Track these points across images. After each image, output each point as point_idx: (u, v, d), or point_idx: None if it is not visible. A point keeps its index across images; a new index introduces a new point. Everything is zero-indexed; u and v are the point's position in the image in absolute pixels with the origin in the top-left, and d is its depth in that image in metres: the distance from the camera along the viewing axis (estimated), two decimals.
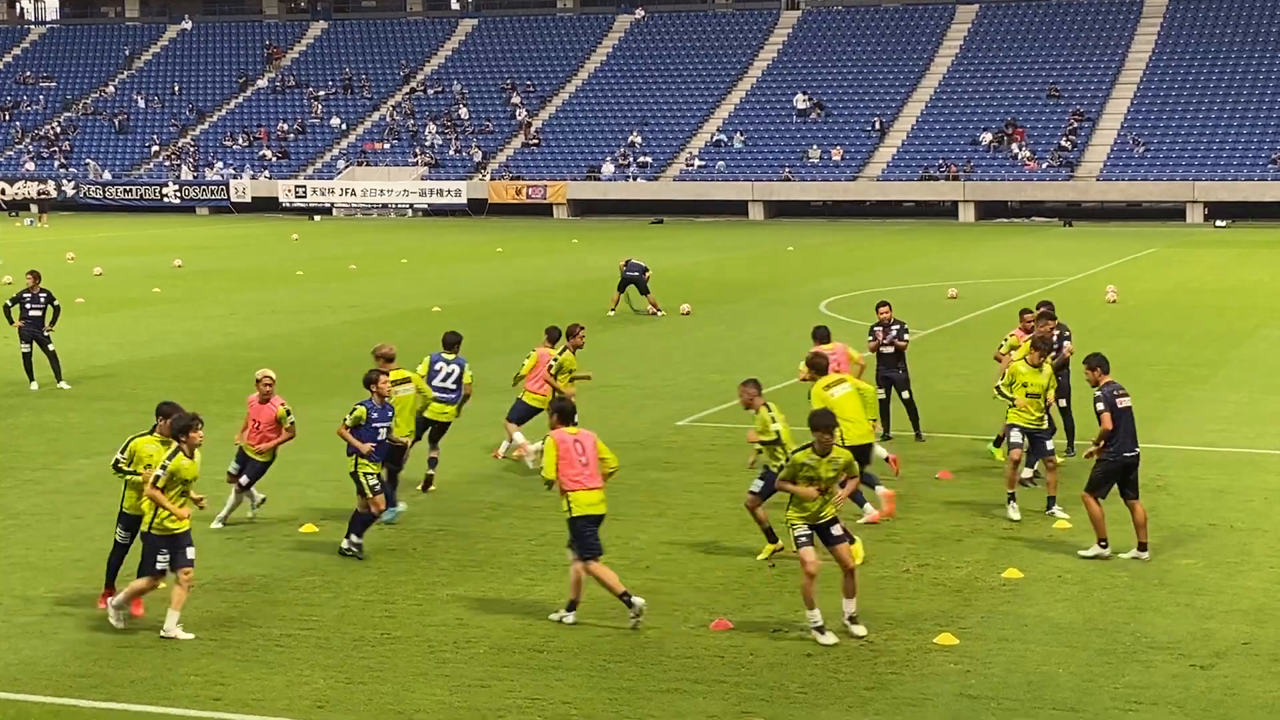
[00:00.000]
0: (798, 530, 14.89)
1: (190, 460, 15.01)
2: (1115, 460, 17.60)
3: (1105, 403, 17.60)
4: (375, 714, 13.04)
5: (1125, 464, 17.68)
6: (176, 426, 15.21)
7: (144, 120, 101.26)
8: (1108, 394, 17.69)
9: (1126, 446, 17.66)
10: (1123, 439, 17.61)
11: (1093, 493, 17.58)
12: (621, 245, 64.81)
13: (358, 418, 18.16)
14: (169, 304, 43.65)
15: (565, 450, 15.22)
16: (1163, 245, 63.48)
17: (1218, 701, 13.24)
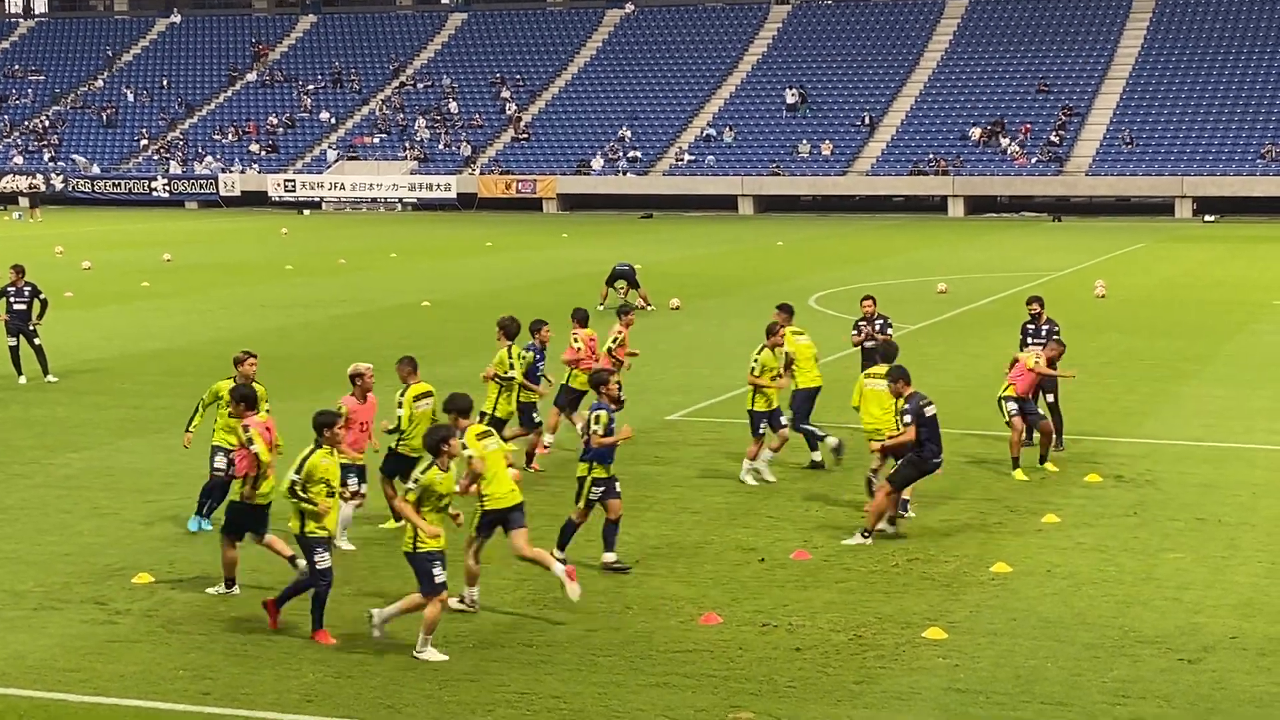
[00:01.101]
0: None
1: (446, 473, 14.42)
2: (926, 465, 17.86)
3: (912, 414, 17.71)
4: (364, 708, 13.04)
5: (930, 469, 18.00)
6: (431, 440, 14.51)
7: (133, 114, 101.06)
8: (914, 405, 17.79)
9: (935, 454, 17.94)
10: (932, 446, 17.87)
11: (895, 487, 17.88)
12: (611, 240, 64.80)
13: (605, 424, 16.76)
14: (158, 298, 43.59)
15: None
16: (1151, 240, 63.57)
17: (1205, 695, 13.27)
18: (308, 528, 14.66)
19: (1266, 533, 18.47)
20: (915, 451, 17.85)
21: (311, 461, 14.73)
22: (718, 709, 12.99)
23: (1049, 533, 18.46)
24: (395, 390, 19.14)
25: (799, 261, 54.58)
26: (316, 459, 14.77)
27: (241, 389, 17.24)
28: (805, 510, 19.59)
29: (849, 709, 13.00)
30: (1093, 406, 26.22)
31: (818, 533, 18.43)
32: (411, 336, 35.52)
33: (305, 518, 14.69)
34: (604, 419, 16.69)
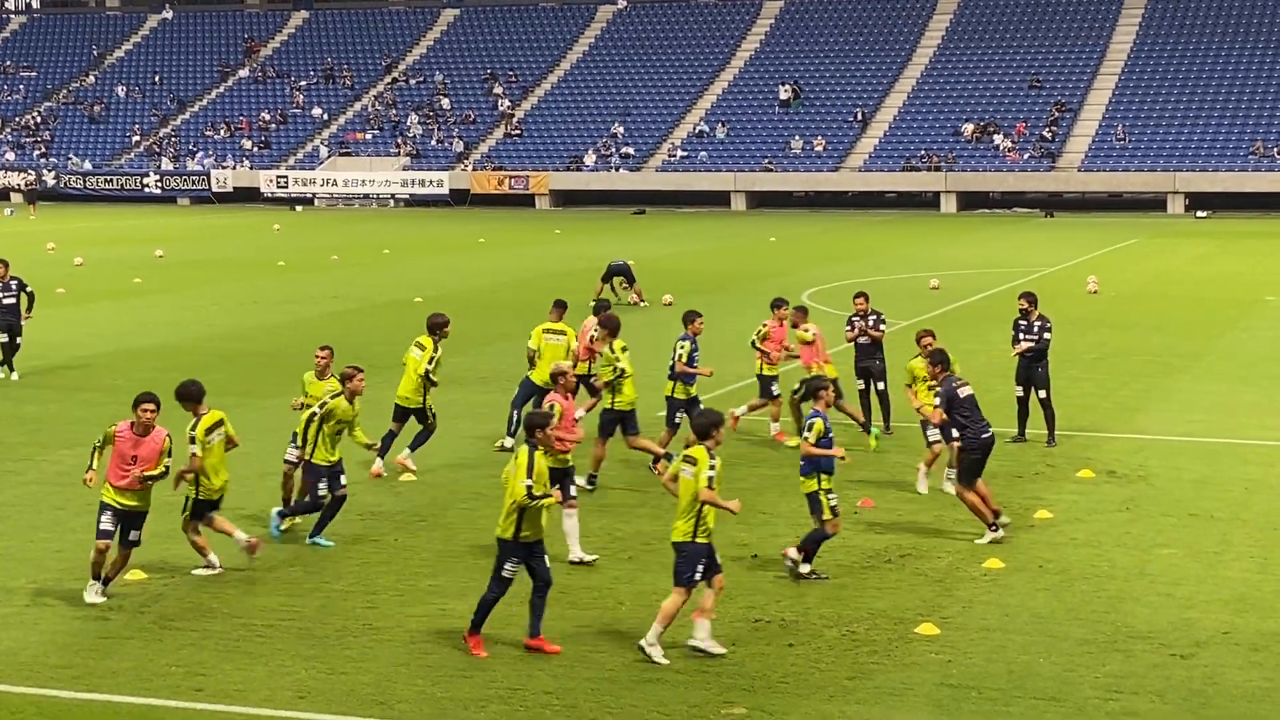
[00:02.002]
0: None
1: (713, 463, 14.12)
2: (977, 444, 17.69)
3: (944, 398, 17.78)
4: (357, 704, 13.03)
5: (986, 445, 17.81)
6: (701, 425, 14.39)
7: (125, 110, 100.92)
8: (948, 388, 17.83)
9: (983, 430, 17.88)
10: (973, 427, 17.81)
11: (967, 484, 17.79)
12: (604, 236, 64.77)
13: (819, 433, 16.52)
14: (150, 295, 43.54)
15: None
16: (1144, 236, 63.62)
17: (1198, 691, 13.28)
18: (523, 533, 14.21)
19: (1259, 528, 18.49)
20: (962, 438, 17.76)
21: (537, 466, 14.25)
22: (711, 705, 13.00)
23: (1041, 528, 18.47)
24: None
25: (792, 257, 54.57)
26: (538, 459, 14.34)
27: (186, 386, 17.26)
28: (798, 506, 19.56)
29: (842, 704, 13.00)
30: (1085, 402, 26.24)
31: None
32: (404, 332, 35.45)
33: (522, 522, 14.16)
34: (819, 427, 16.57)
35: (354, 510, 19.45)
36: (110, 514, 15.73)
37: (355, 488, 20.63)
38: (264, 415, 25.72)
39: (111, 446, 15.84)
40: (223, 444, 16.61)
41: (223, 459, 16.62)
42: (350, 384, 17.90)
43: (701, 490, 13.91)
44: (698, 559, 13.97)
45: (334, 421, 17.73)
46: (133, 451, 15.72)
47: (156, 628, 14.96)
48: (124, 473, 15.71)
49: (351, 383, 17.90)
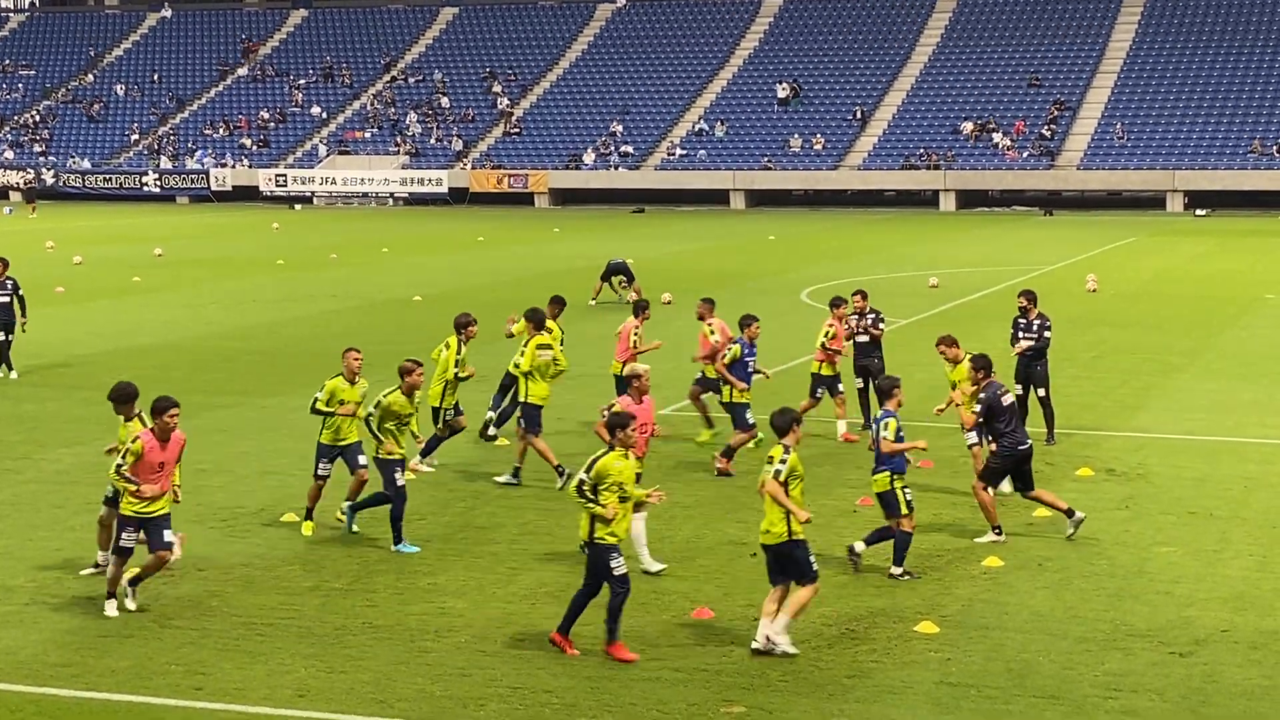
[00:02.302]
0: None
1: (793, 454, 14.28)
2: (1013, 454, 17.73)
3: (985, 403, 17.83)
4: (356, 703, 13.03)
5: (1022, 456, 17.78)
6: (780, 424, 14.51)
7: (123, 109, 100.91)
8: (991, 394, 17.83)
9: (1021, 440, 17.81)
10: (1013, 435, 17.78)
11: (988, 481, 17.79)
12: (603, 235, 64.77)
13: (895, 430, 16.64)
14: (149, 293, 43.54)
15: None
16: (1143, 234, 63.62)
17: (1197, 689, 13.29)
18: (597, 533, 14.02)
19: (1258, 526, 18.50)
20: (998, 444, 17.78)
21: (604, 463, 14.05)
22: (710, 703, 13.00)
23: (1041, 527, 18.47)
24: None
25: (791, 256, 54.57)
26: (609, 461, 14.07)
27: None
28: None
29: (841, 703, 13.01)
30: (1084, 401, 26.24)
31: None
32: (403, 331, 35.50)
33: (595, 522, 14.02)
34: (893, 426, 16.66)
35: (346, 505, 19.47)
36: (131, 530, 15.15)
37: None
38: (263, 414, 25.74)
39: (140, 460, 15.16)
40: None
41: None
42: (409, 378, 17.90)
43: (766, 481, 14.17)
44: (809, 549, 14.13)
45: (394, 418, 17.71)
46: (160, 458, 15.29)
47: (156, 626, 14.96)
48: (156, 482, 15.20)
49: (410, 377, 17.91)
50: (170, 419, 15.46)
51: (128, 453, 15.18)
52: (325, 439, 18.35)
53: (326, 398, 18.28)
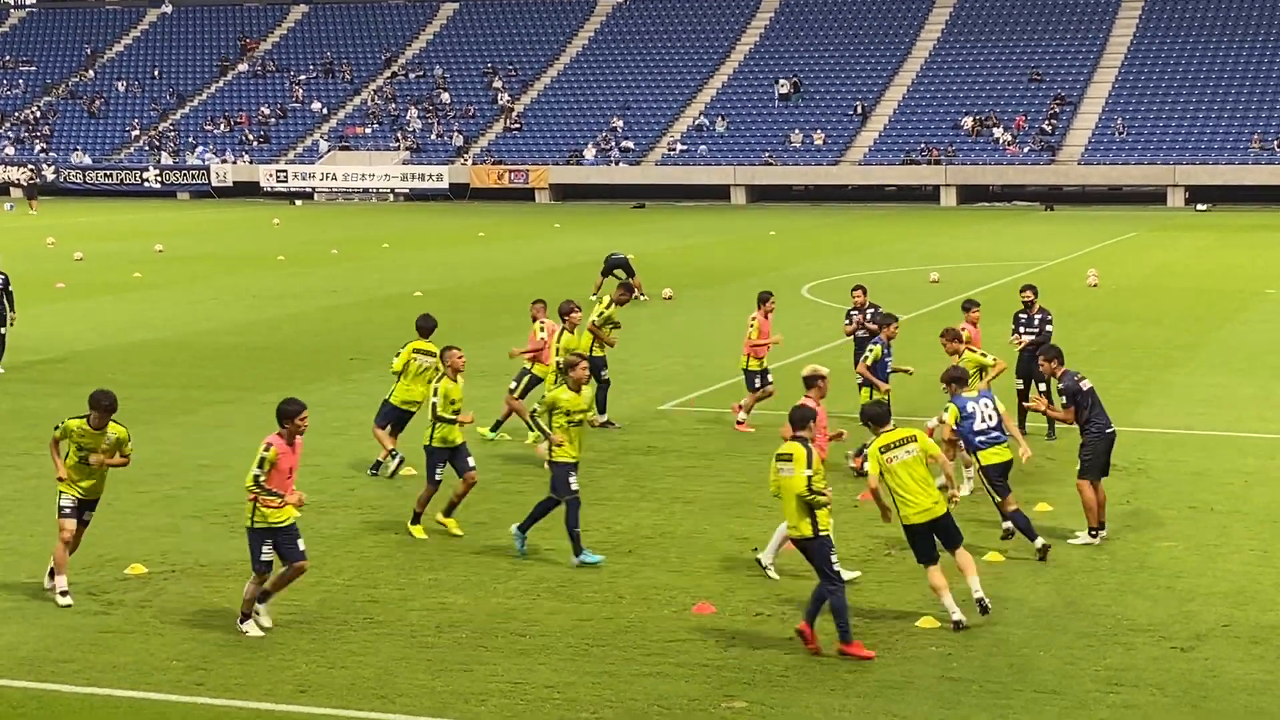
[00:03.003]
0: None
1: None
2: (1101, 436, 17.66)
3: (1069, 393, 17.70)
4: (358, 698, 13.04)
5: (1110, 440, 17.74)
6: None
7: (124, 104, 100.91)
8: (1071, 383, 17.78)
9: (1106, 425, 17.73)
10: (1097, 421, 17.68)
11: (1092, 478, 17.60)
12: (603, 230, 64.76)
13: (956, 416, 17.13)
14: (150, 289, 43.54)
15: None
16: (1144, 229, 63.60)
17: (1198, 683, 13.29)
18: (820, 526, 13.99)
19: (1258, 521, 18.50)
20: (1085, 432, 17.65)
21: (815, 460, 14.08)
22: (711, 698, 13.00)
23: (1041, 521, 18.46)
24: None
25: (791, 251, 54.58)
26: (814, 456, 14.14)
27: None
28: None
29: (842, 698, 13.01)
30: None
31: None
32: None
33: (815, 516, 14.01)
34: (955, 410, 17.03)
35: (354, 505, 19.48)
36: (271, 543, 14.41)
37: (355, 483, 20.67)
38: (263, 410, 25.69)
39: (274, 468, 14.40)
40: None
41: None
42: (574, 373, 16.96)
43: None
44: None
45: (564, 415, 16.64)
46: (290, 464, 14.48)
47: (157, 622, 14.96)
48: (287, 489, 14.42)
49: (575, 371, 16.97)
50: (302, 422, 14.53)
51: (263, 461, 14.28)
52: (436, 442, 17.66)
53: (443, 402, 17.53)
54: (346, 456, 22.10)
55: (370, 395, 26.84)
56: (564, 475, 16.57)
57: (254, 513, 14.37)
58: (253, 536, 14.45)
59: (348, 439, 23.34)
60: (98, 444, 15.53)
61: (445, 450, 17.73)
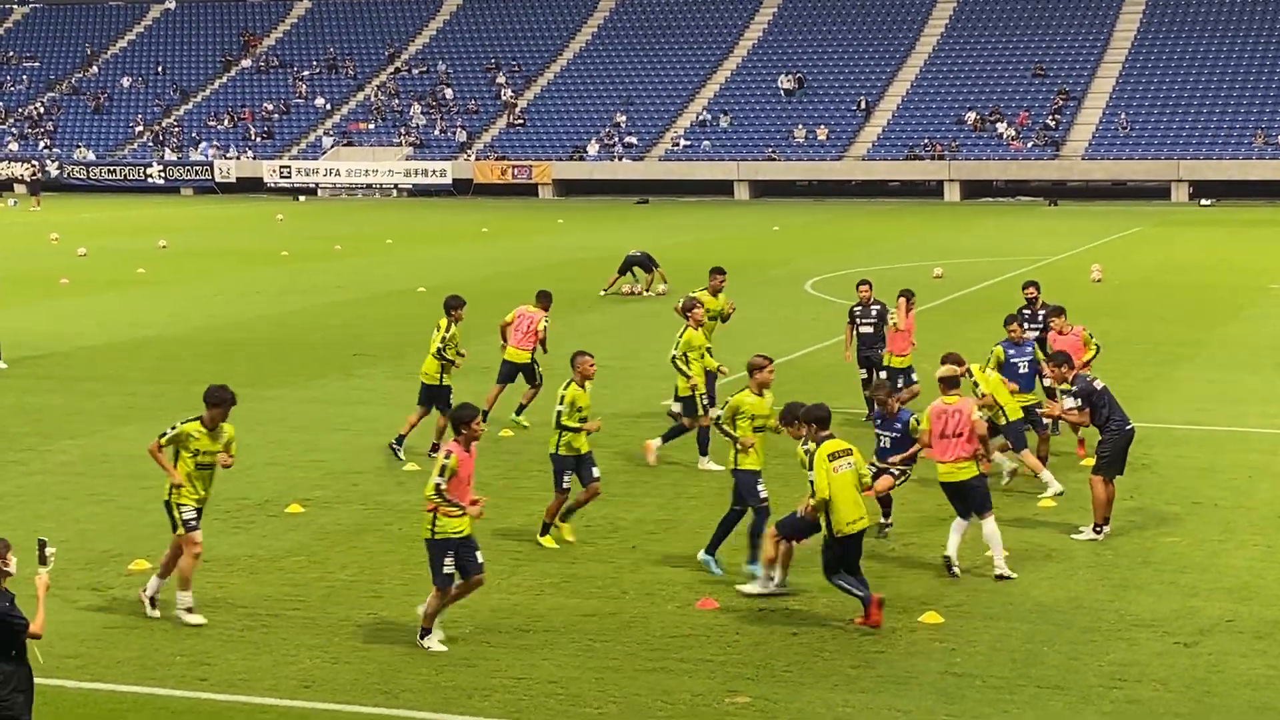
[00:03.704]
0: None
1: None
2: (1121, 433, 17.65)
3: (1082, 395, 17.65)
4: (362, 693, 13.05)
5: (1129, 436, 17.74)
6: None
7: (128, 100, 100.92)
8: (1084, 385, 17.76)
9: (1124, 423, 17.73)
10: (1116, 419, 17.69)
11: (1107, 476, 17.57)
12: (607, 226, 64.76)
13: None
14: (153, 285, 43.55)
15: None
16: (1148, 224, 63.56)
17: (1202, 679, 13.29)
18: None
19: (1262, 516, 18.49)
20: (1104, 431, 17.64)
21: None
22: (715, 693, 13.01)
23: (1045, 517, 18.47)
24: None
25: (795, 246, 54.56)
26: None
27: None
28: (800, 496, 19.56)
29: (846, 693, 13.01)
30: None
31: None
32: (407, 322, 35.51)
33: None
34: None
35: (358, 500, 19.49)
36: (453, 555, 13.97)
37: (359, 478, 20.68)
38: (267, 405, 25.74)
39: (454, 476, 13.96)
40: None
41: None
42: (759, 375, 16.56)
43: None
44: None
45: (748, 419, 16.28)
46: (467, 471, 14.09)
47: (161, 617, 14.97)
48: (465, 497, 14.05)
49: (761, 374, 16.55)
50: (477, 428, 14.18)
51: (444, 469, 13.86)
52: (562, 450, 17.14)
53: (569, 409, 17.06)
54: (350, 452, 22.11)
55: (374, 390, 26.86)
56: (752, 483, 16.10)
57: (434, 523, 13.91)
58: (434, 548, 13.94)
59: (351, 434, 23.36)
60: (214, 446, 14.87)
61: (571, 458, 17.17)
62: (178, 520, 14.83)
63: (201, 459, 14.87)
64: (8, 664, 10.32)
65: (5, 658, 10.32)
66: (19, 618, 10.25)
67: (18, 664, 10.37)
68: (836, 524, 14.67)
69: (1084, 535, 17.50)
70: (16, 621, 10.25)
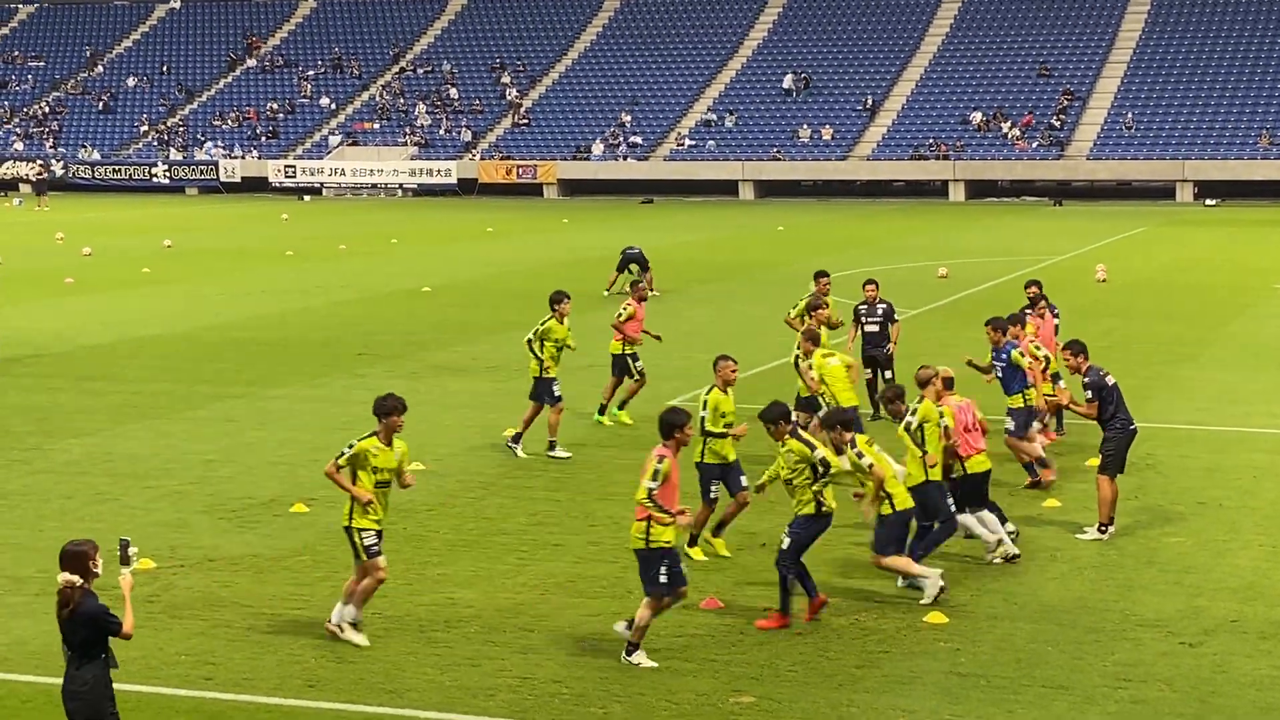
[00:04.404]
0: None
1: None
2: (1124, 432, 17.64)
3: (1094, 388, 17.62)
4: (366, 693, 13.05)
5: (1132, 436, 17.73)
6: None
7: (133, 100, 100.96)
8: (1096, 377, 17.73)
9: (1128, 421, 17.71)
10: (1121, 415, 17.68)
11: (1112, 473, 17.55)
12: (611, 225, 64.75)
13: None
14: (158, 284, 43.58)
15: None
16: (1152, 224, 63.52)
17: (1206, 679, 13.28)
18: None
19: (1267, 516, 18.48)
20: (1107, 428, 17.61)
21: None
22: (719, 693, 13.01)
23: (1050, 517, 18.46)
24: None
25: (800, 246, 54.54)
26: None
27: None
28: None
29: (850, 693, 13.01)
30: None
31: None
32: (412, 322, 35.56)
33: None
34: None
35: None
36: (667, 563, 13.57)
37: None
38: (271, 404, 25.78)
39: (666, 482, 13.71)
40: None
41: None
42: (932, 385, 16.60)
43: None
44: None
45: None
46: (677, 477, 13.94)
47: (166, 617, 14.98)
48: (674, 503, 13.76)
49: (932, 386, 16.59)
50: (689, 433, 14.00)
51: (657, 473, 13.53)
52: (708, 458, 16.90)
53: (712, 415, 16.83)
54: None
55: (378, 390, 26.72)
56: (941, 495, 16.13)
57: (648, 533, 13.54)
58: (648, 558, 13.59)
59: (355, 433, 23.23)
60: (391, 462, 14.35)
61: (717, 466, 16.86)
62: (359, 547, 14.15)
63: (380, 476, 14.28)
64: (97, 666, 10.33)
65: (96, 659, 10.32)
66: (113, 617, 10.25)
67: (105, 666, 10.38)
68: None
69: (1089, 535, 17.50)
70: (111, 622, 10.25)
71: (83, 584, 10.29)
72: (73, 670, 10.34)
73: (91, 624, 10.23)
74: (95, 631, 10.26)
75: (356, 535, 14.23)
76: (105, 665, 10.39)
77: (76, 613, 10.23)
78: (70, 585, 10.26)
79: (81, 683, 10.31)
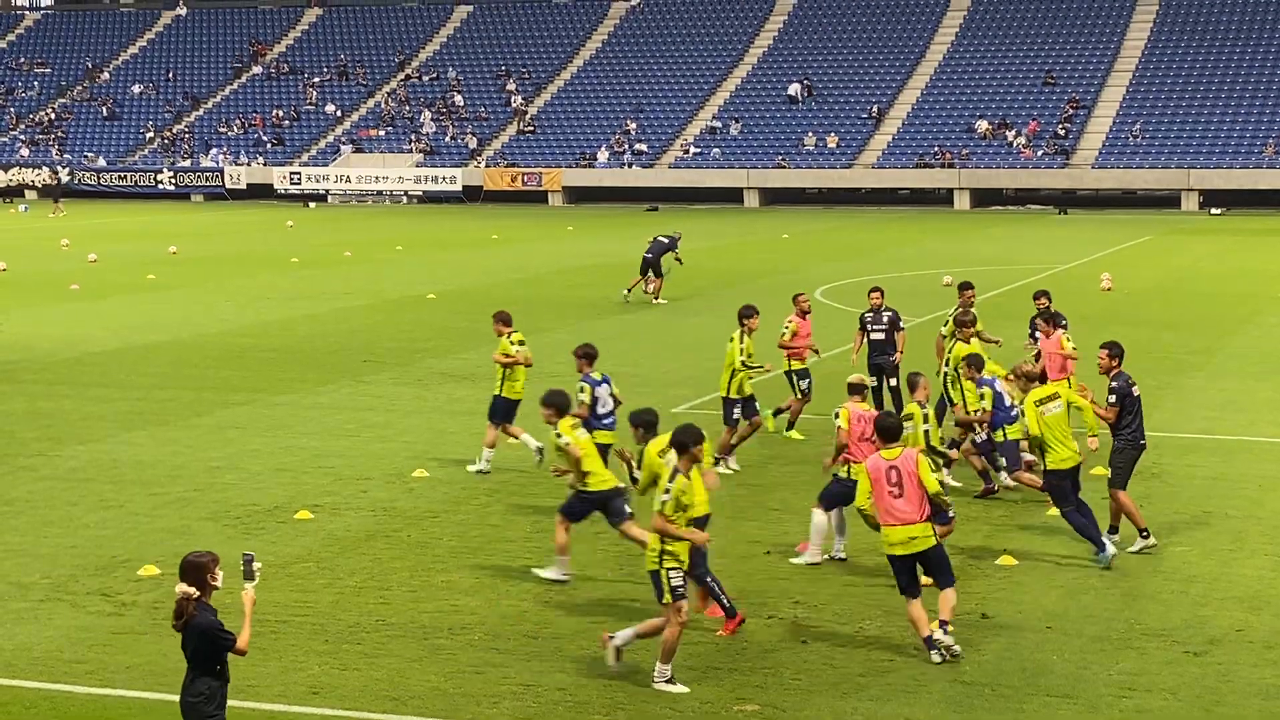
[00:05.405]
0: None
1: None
2: (1134, 445, 17.61)
3: (1119, 394, 17.61)
4: (370, 700, 13.04)
5: (1140, 449, 17.70)
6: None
7: (138, 107, 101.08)
8: (1122, 384, 17.73)
9: (1140, 434, 17.69)
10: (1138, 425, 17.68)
11: (1120, 484, 17.51)
12: (616, 233, 64.76)
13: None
14: (164, 291, 43.60)
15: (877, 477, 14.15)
16: (1158, 233, 63.49)
17: (1212, 688, 13.26)
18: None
19: (1273, 526, 18.45)
20: (1118, 438, 17.58)
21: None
22: (723, 701, 12.99)
23: (1055, 525, 18.43)
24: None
25: (805, 254, 54.54)
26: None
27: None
28: (810, 503, 19.54)
29: (855, 701, 12.99)
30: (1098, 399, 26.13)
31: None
32: (417, 329, 35.56)
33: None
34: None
35: (367, 507, 19.48)
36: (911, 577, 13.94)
37: (368, 484, 20.67)
38: (276, 411, 25.78)
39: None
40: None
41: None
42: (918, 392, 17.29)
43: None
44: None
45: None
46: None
47: (169, 624, 14.95)
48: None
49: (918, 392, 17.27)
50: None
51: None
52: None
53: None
54: (359, 458, 22.12)
55: (383, 397, 26.88)
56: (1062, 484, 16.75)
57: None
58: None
59: (360, 440, 23.36)
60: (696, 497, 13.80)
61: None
62: (666, 588, 13.26)
63: (693, 514, 13.69)
64: (214, 679, 10.30)
65: (211, 673, 10.29)
66: (227, 633, 10.22)
67: (222, 680, 10.35)
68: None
69: (1136, 546, 17.33)
70: (225, 637, 10.22)
71: (199, 596, 10.24)
72: (188, 680, 10.32)
73: (202, 637, 10.19)
74: (207, 645, 10.21)
75: (665, 576, 13.39)
76: (221, 678, 10.34)
77: (189, 625, 10.20)
78: (186, 597, 10.22)
79: (195, 694, 10.25)
